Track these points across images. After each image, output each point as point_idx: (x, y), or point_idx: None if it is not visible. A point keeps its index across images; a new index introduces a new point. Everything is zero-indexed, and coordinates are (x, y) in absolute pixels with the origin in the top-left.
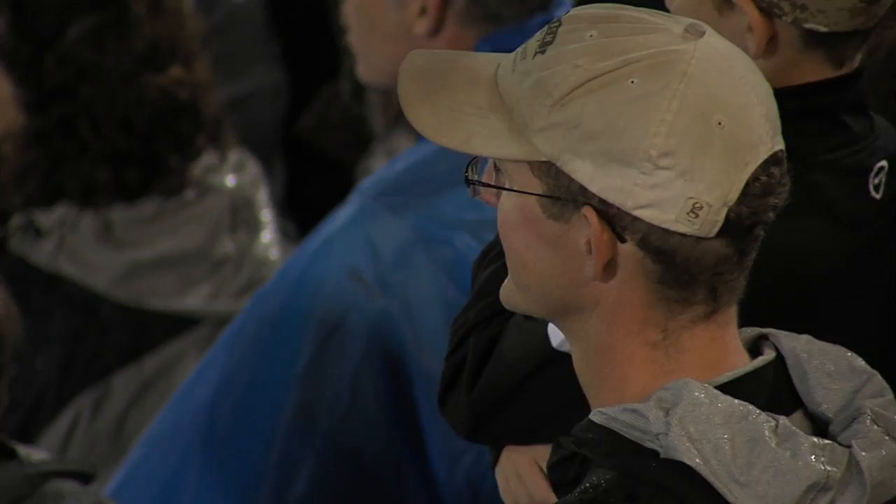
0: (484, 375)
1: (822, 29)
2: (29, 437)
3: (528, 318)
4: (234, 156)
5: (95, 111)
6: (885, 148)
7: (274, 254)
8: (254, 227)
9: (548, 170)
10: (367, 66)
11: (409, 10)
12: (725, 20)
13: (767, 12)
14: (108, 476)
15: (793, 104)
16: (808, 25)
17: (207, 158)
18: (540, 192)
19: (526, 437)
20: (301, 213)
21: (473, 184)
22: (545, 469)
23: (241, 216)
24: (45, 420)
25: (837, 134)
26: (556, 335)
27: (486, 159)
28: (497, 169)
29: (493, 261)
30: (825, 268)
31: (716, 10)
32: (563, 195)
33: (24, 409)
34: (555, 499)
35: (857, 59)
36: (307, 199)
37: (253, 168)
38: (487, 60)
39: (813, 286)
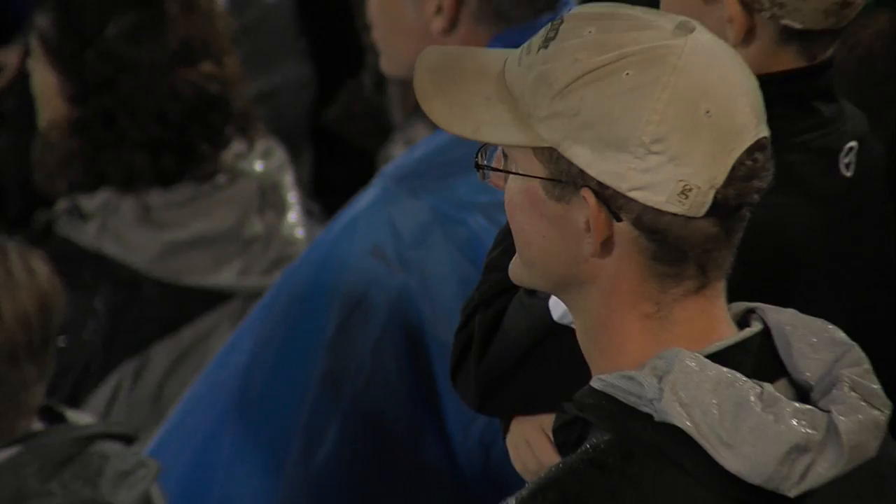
0: (490, 350)
1: (798, 26)
2: (76, 403)
3: (530, 294)
4: (261, 144)
5: (133, 103)
6: (854, 130)
7: (299, 233)
8: (281, 208)
9: (550, 155)
10: (389, 61)
11: (426, 9)
12: (709, 11)
13: (747, 6)
14: (148, 438)
15: (768, 91)
16: (784, 22)
17: (237, 146)
18: (543, 175)
19: (532, 407)
20: (327, 196)
21: (483, 168)
22: (551, 432)
23: (268, 199)
24: (91, 386)
25: (809, 118)
26: (556, 309)
27: (494, 147)
28: (504, 155)
29: (500, 243)
30: (802, 241)
31: (701, 1)
32: (564, 178)
33: (72, 376)
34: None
35: (829, 53)
36: (333, 183)
37: (280, 154)
38: (496, 56)
39: (790, 258)
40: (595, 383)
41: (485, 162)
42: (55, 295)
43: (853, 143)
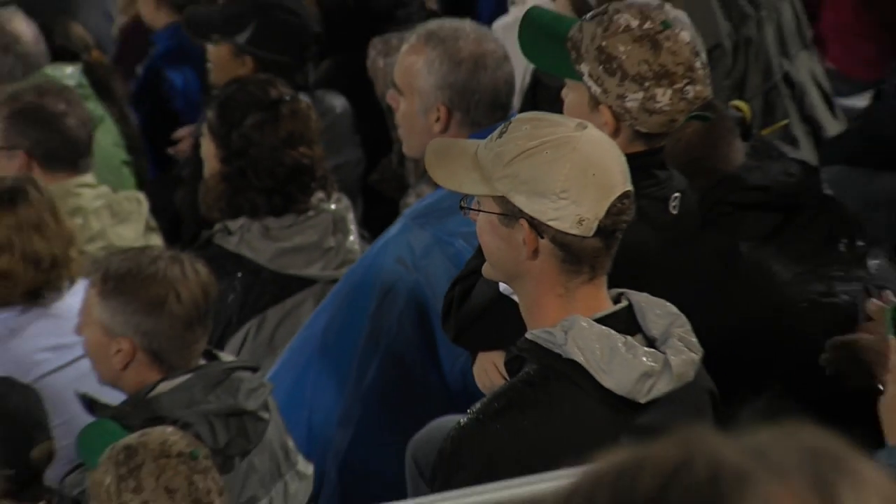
0: (463, 307)
1: (644, 130)
2: (221, 346)
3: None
4: (335, 194)
5: (257, 166)
6: (678, 186)
7: (356, 247)
8: (345, 232)
9: (502, 201)
10: (407, 147)
11: (430, 118)
12: (594, 117)
13: (616, 117)
14: (266, 369)
15: (628, 164)
16: (637, 128)
17: (319, 194)
18: (498, 212)
19: (487, 346)
20: (371, 227)
21: (465, 209)
22: (502, 364)
23: (338, 226)
24: (230, 335)
25: (650, 179)
26: (502, 286)
27: (471, 196)
28: (478, 202)
29: (474, 255)
30: (647, 253)
31: (588, 109)
32: (510, 214)
33: (219, 330)
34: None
35: (662, 143)
36: (374, 219)
37: (345, 201)
38: (471, 143)
39: (639, 263)
40: (528, 335)
41: (466, 205)
42: (211, 285)
43: (678, 194)
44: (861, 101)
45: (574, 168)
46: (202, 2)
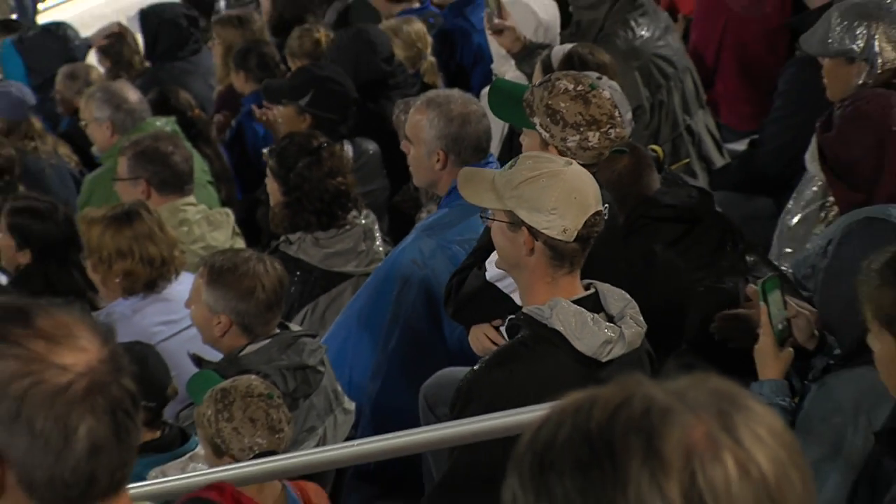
0: (459, 294)
1: (581, 162)
2: (289, 320)
3: (479, 268)
4: (364, 210)
5: (308, 195)
6: (605, 199)
7: (381, 250)
8: (373, 239)
9: (510, 213)
10: (417, 179)
11: (432, 160)
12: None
13: (561, 154)
14: (320, 337)
15: None
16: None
17: (353, 212)
18: (506, 221)
19: (477, 321)
20: (394, 235)
21: (483, 218)
22: (490, 331)
23: (367, 235)
24: (294, 314)
25: None
26: (489, 275)
27: (487, 209)
28: (493, 213)
29: (468, 256)
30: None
31: (540, 149)
32: (516, 222)
33: (285, 311)
34: (491, 349)
35: (594, 169)
36: (396, 229)
37: (372, 216)
38: (490, 172)
39: (592, 260)
40: (524, 310)
41: (485, 215)
42: (284, 278)
43: (606, 205)
44: (741, 146)
45: (562, 192)
46: (275, 75)
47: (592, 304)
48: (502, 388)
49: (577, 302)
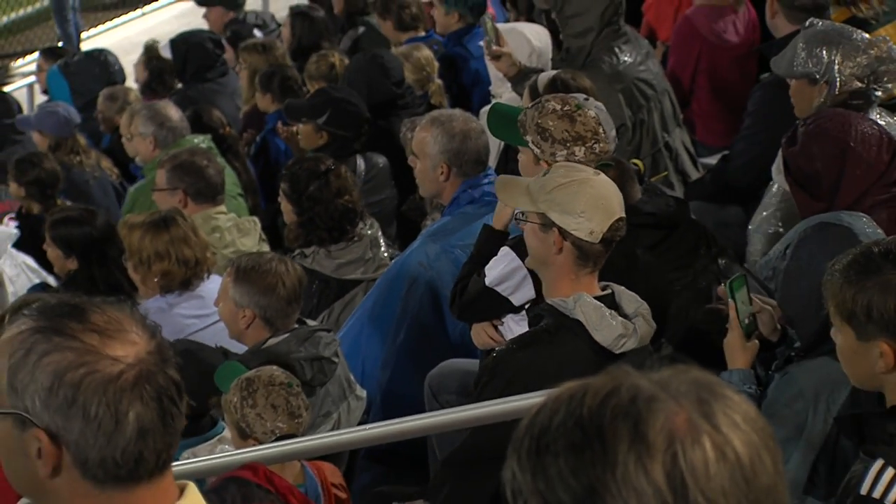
0: (463, 295)
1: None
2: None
3: (478, 273)
4: (369, 220)
5: (319, 214)
6: None
7: (386, 255)
8: (378, 247)
9: (542, 215)
10: (422, 190)
11: (436, 173)
12: (537, 169)
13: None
14: (335, 333)
15: None
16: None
17: (361, 224)
18: (538, 223)
19: (479, 320)
20: (402, 240)
21: (518, 220)
22: (490, 328)
23: (373, 244)
24: (314, 316)
25: None
26: (489, 280)
27: (520, 210)
28: (526, 215)
29: (467, 262)
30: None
31: (533, 163)
32: (547, 224)
33: (306, 312)
34: (491, 343)
35: None
36: (404, 235)
37: (376, 225)
38: (525, 179)
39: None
40: (549, 301)
41: (520, 217)
42: (303, 278)
43: None
44: (714, 160)
45: (591, 198)
46: (297, 96)
47: (609, 302)
48: (524, 367)
49: (597, 298)
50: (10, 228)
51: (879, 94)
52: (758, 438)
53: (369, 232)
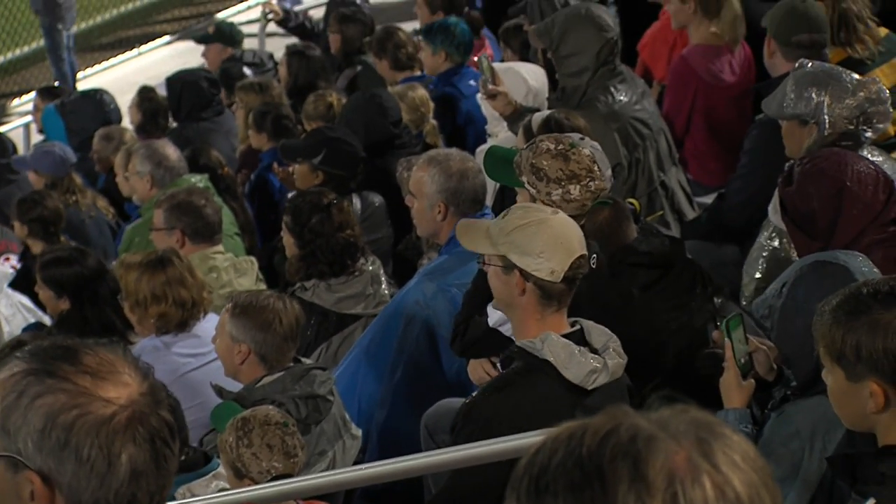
0: (465, 335)
1: (567, 214)
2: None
3: (480, 315)
4: (371, 257)
5: (321, 247)
6: (594, 250)
7: (386, 293)
8: (379, 283)
9: (503, 258)
10: (420, 230)
11: (434, 212)
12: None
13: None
14: (331, 371)
15: None
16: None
17: (362, 260)
18: (500, 265)
19: (477, 355)
20: (398, 279)
21: (479, 262)
22: (487, 365)
23: (374, 280)
24: (310, 353)
25: None
26: (492, 321)
27: (484, 255)
28: (488, 258)
29: (464, 301)
30: (578, 292)
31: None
32: (508, 266)
33: (303, 349)
34: (487, 379)
35: (581, 221)
36: (400, 274)
37: (377, 262)
38: (485, 222)
39: (575, 298)
40: (518, 343)
41: (481, 260)
42: (301, 316)
43: (594, 254)
44: (709, 199)
45: (549, 238)
46: (291, 134)
47: (578, 338)
48: (498, 410)
49: (565, 336)
50: (6, 268)
51: (869, 134)
52: (757, 477)
53: (371, 268)
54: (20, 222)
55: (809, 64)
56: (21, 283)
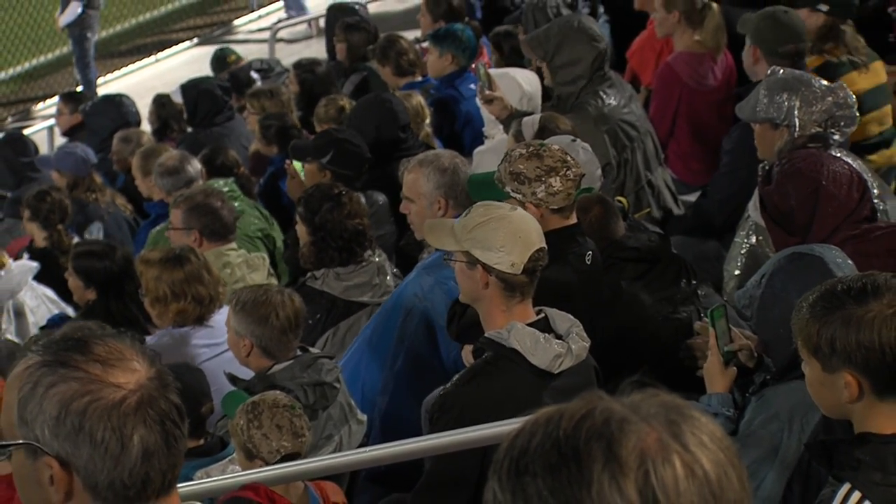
0: (462, 320)
1: (556, 207)
2: (312, 345)
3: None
4: (377, 250)
5: (332, 235)
6: (591, 247)
7: (392, 284)
8: (384, 274)
9: (467, 253)
10: (416, 231)
11: (434, 208)
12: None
13: (536, 206)
14: (338, 359)
15: (549, 236)
16: (551, 207)
17: (369, 251)
18: (464, 261)
19: (468, 341)
20: (400, 272)
21: (446, 259)
22: (472, 353)
23: (380, 271)
24: (315, 339)
25: (574, 243)
26: None
27: (450, 251)
28: (453, 255)
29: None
30: (571, 287)
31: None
32: (472, 261)
33: (310, 335)
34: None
35: (573, 219)
36: (401, 267)
37: (384, 255)
38: (450, 221)
39: (567, 294)
40: (486, 335)
41: (448, 257)
42: (301, 309)
43: (591, 252)
44: (693, 197)
45: (508, 233)
46: (300, 137)
47: (543, 326)
48: (471, 399)
49: (530, 325)
50: (32, 262)
51: (837, 137)
52: (724, 456)
53: (377, 259)
54: (27, 216)
55: (781, 71)
56: (39, 276)
